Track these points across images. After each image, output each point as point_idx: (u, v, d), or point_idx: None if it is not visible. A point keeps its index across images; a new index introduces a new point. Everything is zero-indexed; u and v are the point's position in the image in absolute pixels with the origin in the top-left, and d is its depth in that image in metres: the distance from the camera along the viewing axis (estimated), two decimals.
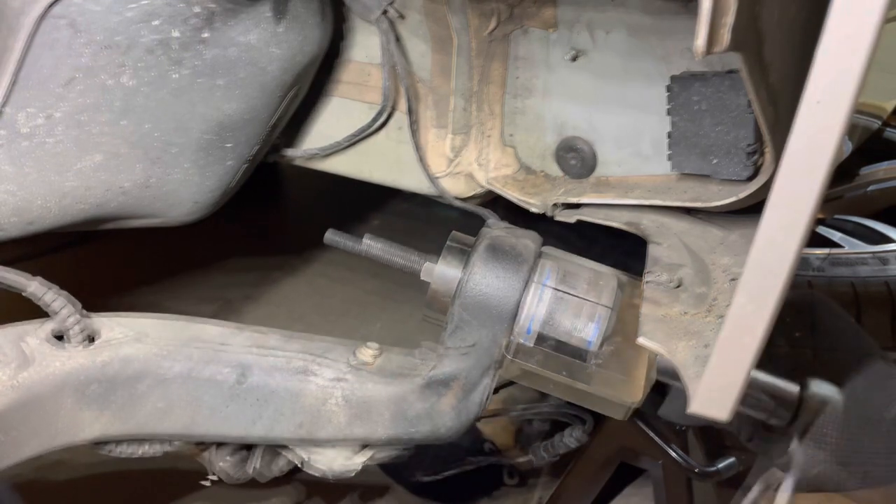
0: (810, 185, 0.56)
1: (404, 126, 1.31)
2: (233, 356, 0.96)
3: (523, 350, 0.97)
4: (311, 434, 0.98)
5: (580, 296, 0.97)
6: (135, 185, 1.10)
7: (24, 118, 0.99)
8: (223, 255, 1.95)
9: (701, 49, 0.63)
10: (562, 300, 0.97)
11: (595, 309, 0.96)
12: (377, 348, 1.02)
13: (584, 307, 0.96)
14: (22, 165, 1.01)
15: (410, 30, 1.26)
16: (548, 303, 0.96)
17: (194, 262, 1.88)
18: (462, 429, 1.01)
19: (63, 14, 0.94)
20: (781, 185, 0.57)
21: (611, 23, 1.12)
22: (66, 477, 1.28)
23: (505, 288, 0.96)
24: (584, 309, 0.96)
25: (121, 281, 1.80)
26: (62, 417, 0.89)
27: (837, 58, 0.51)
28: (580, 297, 0.97)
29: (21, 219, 1.05)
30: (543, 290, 0.97)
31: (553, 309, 0.96)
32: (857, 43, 0.51)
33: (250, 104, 1.11)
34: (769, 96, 0.82)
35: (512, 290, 0.96)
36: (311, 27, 1.15)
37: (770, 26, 0.74)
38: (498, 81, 1.27)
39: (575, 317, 0.96)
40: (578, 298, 0.96)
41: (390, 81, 1.28)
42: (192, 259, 1.88)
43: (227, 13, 1.03)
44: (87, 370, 0.90)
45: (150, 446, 0.99)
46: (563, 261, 1.04)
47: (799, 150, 0.55)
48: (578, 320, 0.95)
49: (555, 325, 0.96)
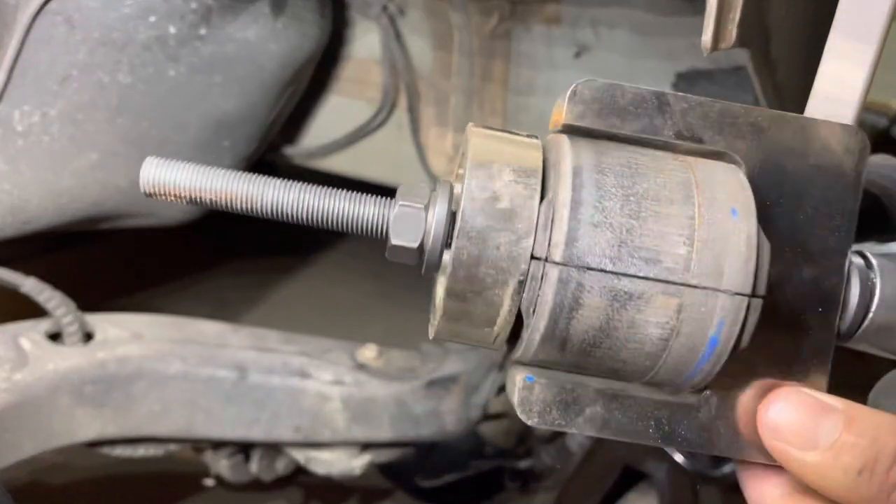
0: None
1: (404, 124, 1.30)
2: (230, 356, 0.95)
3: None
4: (310, 436, 0.97)
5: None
6: (131, 183, 1.09)
7: (19, 116, 0.98)
8: (221, 255, 1.94)
9: (708, 45, 0.62)
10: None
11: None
12: (377, 350, 1.01)
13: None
14: (17, 164, 1.00)
15: (411, 26, 1.25)
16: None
17: (191, 263, 1.87)
18: (464, 431, 1.00)
19: (59, 10, 0.93)
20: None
21: (615, 19, 1.11)
22: (64, 480, 1.27)
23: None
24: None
25: (117, 282, 1.79)
26: (58, 418, 0.88)
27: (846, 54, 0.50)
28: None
29: (17, 218, 1.04)
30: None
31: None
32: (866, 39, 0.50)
33: (248, 101, 1.10)
34: (776, 93, 0.81)
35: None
36: (309, 23, 1.14)
37: (777, 22, 0.73)
38: (500, 79, 1.26)
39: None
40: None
41: (390, 78, 1.27)
42: (189, 260, 1.88)
43: (225, 9, 1.01)
44: (83, 370, 0.88)
45: (147, 447, 0.99)
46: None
47: None
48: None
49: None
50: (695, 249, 0.34)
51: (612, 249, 0.34)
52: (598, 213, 0.34)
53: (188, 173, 0.38)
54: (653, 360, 0.35)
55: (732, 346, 0.35)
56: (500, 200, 0.35)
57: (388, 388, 0.96)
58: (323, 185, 0.39)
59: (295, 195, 0.38)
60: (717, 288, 0.34)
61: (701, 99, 0.39)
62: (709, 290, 0.34)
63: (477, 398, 0.98)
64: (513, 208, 0.35)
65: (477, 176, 0.35)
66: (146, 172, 0.38)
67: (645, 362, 0.36)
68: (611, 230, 0.34)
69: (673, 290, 0.34)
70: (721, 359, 0.35)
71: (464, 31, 1.19)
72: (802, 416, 0.34)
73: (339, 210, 0.39)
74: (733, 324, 0.34)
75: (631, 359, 0.36)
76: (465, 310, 0.36)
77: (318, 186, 0.39)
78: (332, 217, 0.39)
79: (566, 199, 0.35)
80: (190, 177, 0.38)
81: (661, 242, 0.34)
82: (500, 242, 0.34)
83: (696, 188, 0.35)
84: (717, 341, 0.34)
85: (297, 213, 0.38)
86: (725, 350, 0.35)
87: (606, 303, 0.34)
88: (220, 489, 1.17)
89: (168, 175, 0.38)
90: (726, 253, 0.34)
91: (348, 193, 0.39)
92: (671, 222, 0.35)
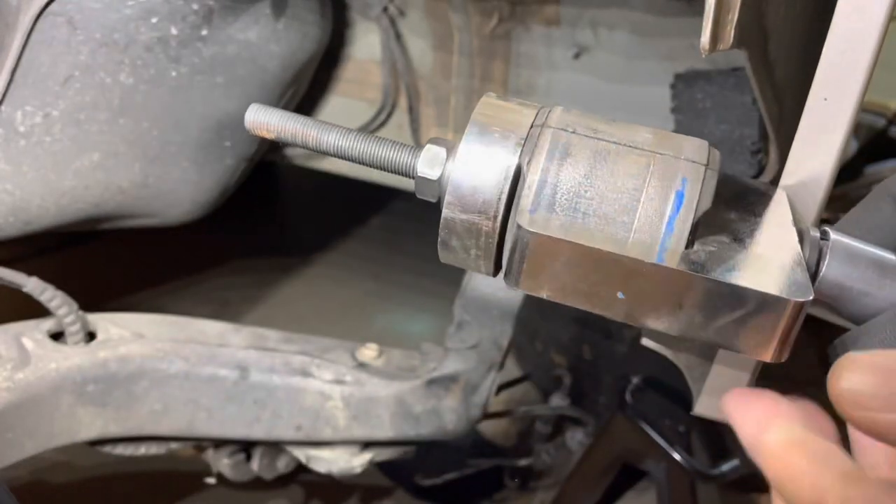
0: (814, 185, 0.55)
1: (405, 124, 1.31)
2: (231, 356, 0.95)
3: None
4: (310, 434, 0.97)
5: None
6: (133, 183, 1.09)
7: (21, 117, 0.98)
8: (221, 255, 1.94)
9: (706, 46, 0.62)
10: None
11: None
12: (377, 349, 1.02)
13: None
14: (20, 164, 1.00)
15: (411, 27, 1.25)
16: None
17: (192, 263, 1.88)
18: (465, 430, 1.00)
19: (61, 11, 0.94)
20: (787, 185, 0.56)
21: (614, 20, 1.11)
22: (66, 479, 1.28)
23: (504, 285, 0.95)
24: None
25: (119, 282, 1.79)
26: (60, 417, 0.88)
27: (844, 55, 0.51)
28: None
29: (18, 218, 1.04)
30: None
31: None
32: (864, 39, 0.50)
33: (249, 102, 1.09)
34: (774, 94, 0.81)
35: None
36: (310, 24, 1.14)
37: (775, 23, 0.74)
38: (499, 80, 1.26)
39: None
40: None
41: (391, 79, 1.27)
42: (190, 260, 1.88)
43: (226, 10, 1.02)
44: (85, 369, 0.89)
45: (149, 446, 0.99)
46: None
47: (803, 152, 0.55)
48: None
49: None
50: (659, 137, 0.43)
51: (595, 125, 0.44)
52: (582, 118, 0.44)
53: (276, 117, 0.49)
54: (630, 216, 0.41)
55: (696, 205, 0.40)
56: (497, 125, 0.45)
57: (389, 387, 0.97)
58: (369, 134, 0.49)
59: (349, 140, 0.48)
60: (678, 156, 0.42)
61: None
62: (672, 157, 0.42)
63: (477, 397, 0.99)
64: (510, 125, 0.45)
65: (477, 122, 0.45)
66: (249, 114, 0.49)
67: (623, 217, 0.41)
68: (593, 121, 0.44)
69: (643, 153, 0.42)
70: (689, 216, 0.40)
71: (464, 32, 1.20)
72: (878, 379, 0.32)
73: (381, 154, 0.48)
74: (695, 181, 0.41)
75: (612, 214, 0.41)
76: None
77: (367, 134, 0.49)
78: (376, 159, 0.48)
79: (557, 109, 0.45)
80: (276, 119, 0.49)
81: (632, 133, 0.44)
82: (496, 134, 0.44)
83: (661, 131, 0.45)
84: (682, 196, 0.41)
85: (350, 153, 0.48)
86: (691, 206, 0.41)
87: (590, 154, 0.42)
88: (222, 487, 1.18)
89: (262, 118, 0.49)
90: (684, 143, 0.43)
91: (389, 141, 0.48)
92: (640, 128, 0.44)
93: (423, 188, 0.46)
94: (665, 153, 0.42)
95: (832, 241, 0.45)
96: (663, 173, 0.41)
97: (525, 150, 0.43)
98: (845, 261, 0.44)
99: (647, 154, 0.42)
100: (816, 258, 0.44)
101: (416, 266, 1.85)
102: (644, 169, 0.41)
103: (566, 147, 0.42)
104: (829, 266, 0.44)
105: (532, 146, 0.43)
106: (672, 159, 0.42)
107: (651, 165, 0.42)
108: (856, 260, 0.44)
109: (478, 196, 0.43)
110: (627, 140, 0.43)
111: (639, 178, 0.41)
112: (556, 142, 0.42)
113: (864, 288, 0.43)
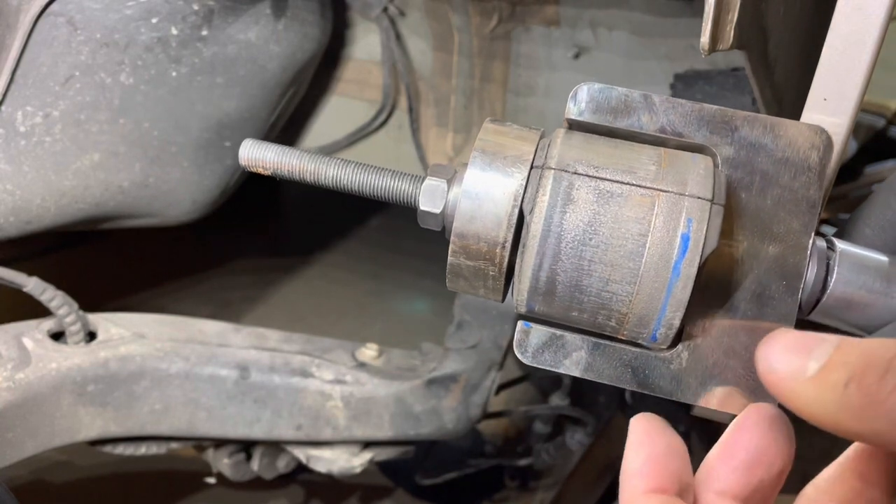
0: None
1: (405, 124, 1.31)
2: (231, 355, 0.95)
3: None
4: (311, 434, 0.97)
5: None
6: (133, 184, 1.09)
7: (21, 117, 0.98)
8: (221, 255, 1.94)
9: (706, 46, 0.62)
10: None
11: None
12: (377, 349, 1.02)
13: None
14: (20, 164, 1.00)
15: (411, 27, 1.25)
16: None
17: (192, 263, 1.87)
18: (464, 430, 1.00)
19: (61, 12, 0.94)
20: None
21: (613, 21, 1.11)
22: (66, 478, 1.28)
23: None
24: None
25: (119, 282, 1.79)
26: (61, 417, 0.88)
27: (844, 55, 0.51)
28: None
29: (19, 218, 1.05)
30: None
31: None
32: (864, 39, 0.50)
33: (250, 102, 1.11)
34: (774, 94, 0.81)
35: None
36: (310, 24, 1.14)
37: (775, 23, 0.74)
38: (499, 80, 1.26)
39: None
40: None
41: (391, 79, 1.27)
42: (190, 260, 1.88)
43: (227, 11, 1.02)
44: (86, 369, 0.89)
45: (149, 446, 0.99)
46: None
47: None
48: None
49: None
50: (662, 169, 0.42)
51: (597, 161, 0.42)
52: (583, 151, 0.43)
53: (271, 153, 0.48)
54: (635, 262, 0.40)
55: (703, 246, 0.39)
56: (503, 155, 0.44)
57: (389, 387, 0.97)
58: (368, 165, 0.48)
59: (348, 172, 0.48)
60: (682, 193, 0.40)
61: (682, 101, 0.46)
62: (676, 194, 0.40)
63: (477, 397, 0.99)
64: (512, 158, 0.44)
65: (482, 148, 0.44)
66: (243, 151, 0.48)
67: (629, 264, 0.40)
68: (595, 154, 0.43)
69: (647, 192, 0.41)
70: (695, 258, 0.39)
71: (464, 33, 1.20)
72: (797, 347, 0.34)
73: (382, 184, 0.47)
74: (700, 221, 0.40)
75: (617, 261, 0.41)
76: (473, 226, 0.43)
77: (367, 165, 0.48)
78: (376, 190, 0.48)
79: (557, 142, 0.43)
80: (272, 155, 0.48)
81: (635, 163, 0.42)
82: (500, 168, 0.43)
83: (664, 152, 0.44)
84: (688, 238, 0.40)
85: (350, 186, 0.48)
86: (697, 248, 0.39)
87: (593, 198, 0.41)
88: (222, 487, 1.18)
89: (257, 154, 0.48)
90: (689, 172, 0.41)
91: (389, 171, 0.48)
92: (643, 153, 0.43)
93: (426, 220, 0.46)
94: (669, 190, 0.41)
95: (839, 253, 0.44)
96: (668, 214, 0.40)
97: (527, 196, 0.42)
98: (853, 271, 0.44)
99: (650, 194, 0.41)
100: (824, 273, 0.44)
101: (416, 266, 1.86)
102: (648, 211, 0.40)
103: (568, 192, 0.41)
104: (836, 280, 0.43)
105: (534, 190, 0.42)
106: (676, 197, 0.40)
107: (655, 206, 0.41)
108: (863, 270, 0.44)
109: (482, 244, 0.43)
110: (630, 175, 0.41)
111: (643, 223, 0.40)
112: (558, 186, 0.42)
113: (873, 298, 0.43)
